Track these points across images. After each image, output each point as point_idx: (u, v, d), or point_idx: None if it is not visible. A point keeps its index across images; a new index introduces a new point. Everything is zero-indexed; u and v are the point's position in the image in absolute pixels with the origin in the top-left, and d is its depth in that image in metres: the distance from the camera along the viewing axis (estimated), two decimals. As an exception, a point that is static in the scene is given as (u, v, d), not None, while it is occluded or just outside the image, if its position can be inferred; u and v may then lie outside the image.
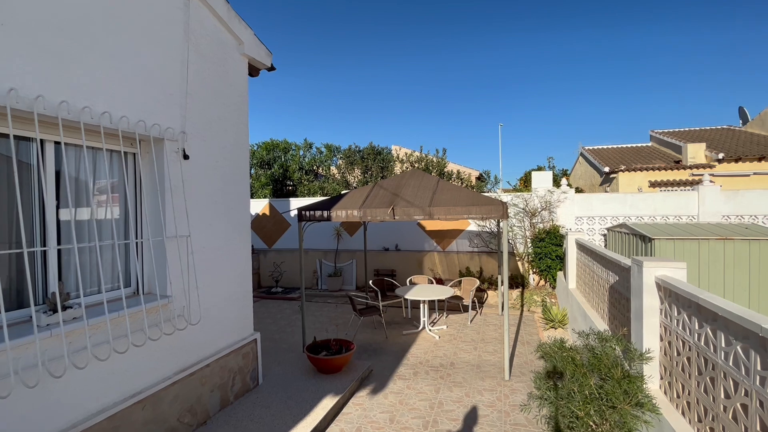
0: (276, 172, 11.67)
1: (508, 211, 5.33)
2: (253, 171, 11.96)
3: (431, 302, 8.12)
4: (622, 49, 53.39)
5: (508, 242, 9.53)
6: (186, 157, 3.78)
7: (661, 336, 3.02)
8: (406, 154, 11.96)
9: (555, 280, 8.59)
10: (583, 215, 9.64)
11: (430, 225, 10.34)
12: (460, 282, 8.61)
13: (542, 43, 53.62)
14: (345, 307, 8.89)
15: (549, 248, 8.47)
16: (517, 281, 9.18)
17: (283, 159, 11.85)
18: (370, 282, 8.09)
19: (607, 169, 16.26)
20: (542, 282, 9.20)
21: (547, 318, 7.18)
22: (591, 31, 51.61)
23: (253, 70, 5.08)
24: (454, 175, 12.05)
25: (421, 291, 7.23)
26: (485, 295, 9.04)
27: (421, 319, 7.11)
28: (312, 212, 5.87)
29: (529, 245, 9.20)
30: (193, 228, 3.84)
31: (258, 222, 11.59)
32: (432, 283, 8.41)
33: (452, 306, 8.31)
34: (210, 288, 4.08)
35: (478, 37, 52.63)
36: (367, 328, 7.36)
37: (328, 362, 5.04)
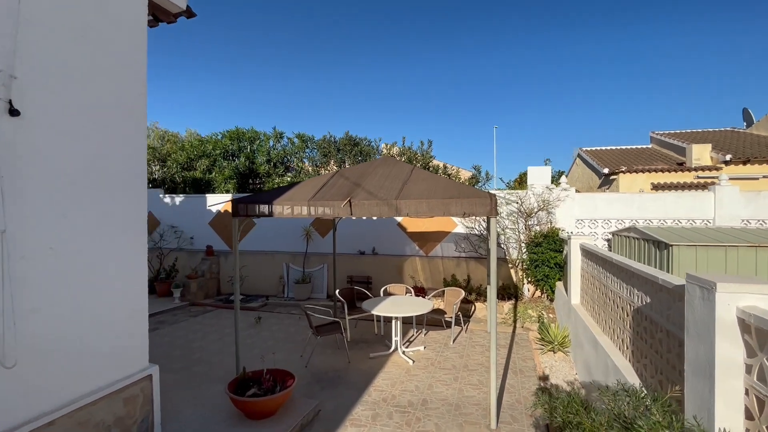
0: (241, 164, 10.40)
1: (501, 211, 4.15)
2: (216, 162, 10.69)
3: (407, 318, 6.88)
4: (618, 51, 52.82)
5: (500, 246, 8.32)
6: (14, 112, 2.51)
7: (750, 410, 1.80)
8: (386, 146, 10.74)
9: (553, 292, 7.40)
10: (585, 217, 8.48)
11: (412, 226, 9.11)
12: (443, 293, 7.38)
13: (537, 45, 52.88)
14: (324, 309, 7.60)
15: (547, 254, 7.28)
16: (510, 292, 7.97)
17: (249, 150, 10.59)
18: (337, 292, 6.83)
19: (606, 171, 15.21)
20: (538, 293, 8.00)
21: (544, 339, 5.97)
22: (585, 33, 50.96)
23: (163, 14, 3.82)
24: (440, 171, 10.85)
25: (395, 305, 5.98)
26: (472, 308, 7.82)
27: (393, 338, 5.86)
28: (249, 206, 4.60)
29: (524, 250, 8.01)
30: (26, 218, 2.56)
31: (219, 220, 10.28)
32: (410, 293, 7.17)
33: (433, 320, 7.07)
34: (63, 308, 2.79)
35: (471, 36, 51.71)
36: (328, 348, 6.10)
37: (256, 405, 3.77)
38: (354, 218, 9.33)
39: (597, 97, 59.17)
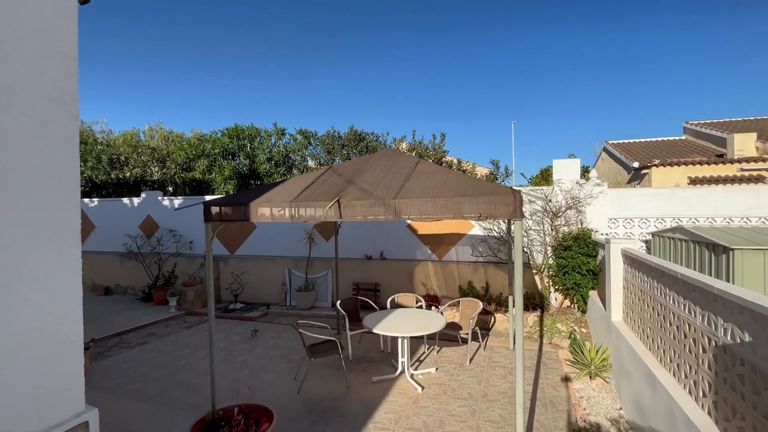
0: (241, 163, 9.81)
1: (523, 207, 3.30)
2: (215, 162, 10.12)
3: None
4: (634, 43, 50.20)
5: (523, 250, 7.41)
6: None
7: None
8: (395, 140, 9.92)
9: (585, 303, 6.44)
10: (618, 216, 7.47)
11: (423, 227, 8.28)
12: (458, 303, 6.54)
13: (556, 36, 50.87)
14: (316, 330, 6.87)
15: (578, 259, 6.34)
16: (534, 302, 7.05)
17: (249, 148, 9.98)
18: (338, 303, 6.08)
19: (636, 165, 14.02)
20: (567, 303, 7.06)
21: (578, 360, 5.06)
22: (602, 24, 48.63)
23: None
24: (455, 167, 9.97)
25: (403, 320, 5.18)
26: (491, 320, 6.94)
27: (400, 359, 5.07)
28: (223, 209, 3.89)
29: (550, 255, 7.07)
30: None
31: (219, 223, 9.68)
32: (421, 303, 6.36)
33: (447, 335, 6.23)
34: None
35: (490, 30, 50.17)
36: (327, 368, 5.36)
37: (221, 457, 3.04)
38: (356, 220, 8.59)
39: (618, 90, 56.68)
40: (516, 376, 3.21)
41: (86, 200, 10.77)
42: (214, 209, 3.92)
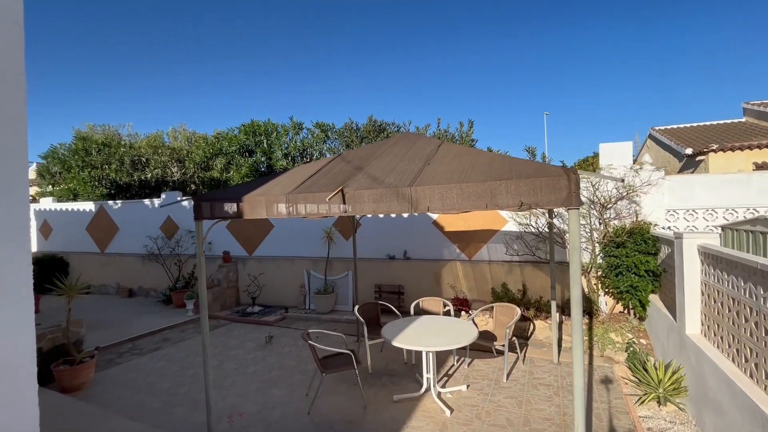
0: (258, 160, 9.45)
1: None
2: (233, 160, 9.82)
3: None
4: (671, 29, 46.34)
5: (562, 246, 6.52)
6: None
7: None
8: (417, 129, 9.20)
9: (645, 309, 5.50)
10: (678, 207, 6.43)
11: (450, 224, 7.54)
12: (491, 308, 5.78)
13: (585, 25, 47.94)
14: (332, 338, 6.33)
15: (634, 257, 5.41)
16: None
17: (265, 144, 9.60)
18: (356, 309, 5.48)
19: (689, 151, 12.55)
20: (619, 307, 6.12)
21: (641, 380, 4.19)
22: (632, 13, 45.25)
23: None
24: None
25: (427, 330, 4.51)
26: (530, 327, 6.12)
27: (425, 375, 4.40)
28: (215, 204, 3.37)
29: (598, 252, 6.16)
30: None
31: (237, 223, 9.37)
32: (449, 308, 5.65)
33: (480, 346, 5.48)
34: None
35: (521, 18, 48.04)
36: (343, 383, 4.77)
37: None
38: (371, 216, 7.95)
39: (655, 77, 52.82)
40: (576, 412, 2.47)
41: (110, 202, 10.79)
42: (205, 205, 3.41)
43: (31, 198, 15.19)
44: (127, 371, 5.50)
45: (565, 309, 6.42)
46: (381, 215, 8.02)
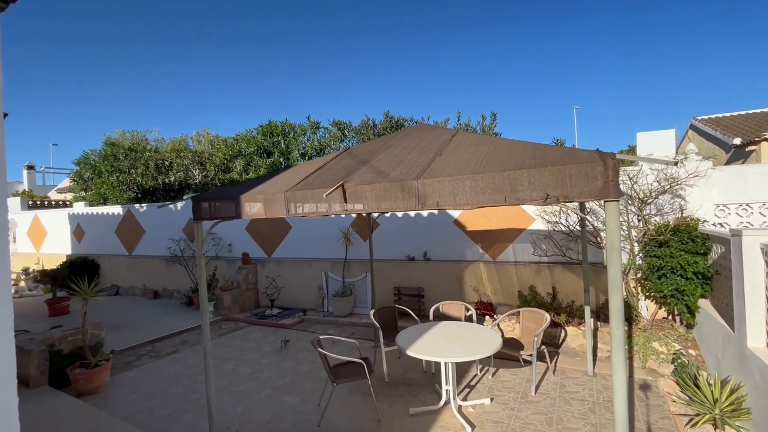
0: (276, 161, 9.38)
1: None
2: (251, 162, 9.79)
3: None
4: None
5: (595, 245, 5.98)
6: None
7: None
8: (436, 123, 8.84)
9: (693, 316, 4.91)
10: (729, 202, 5.75)
11: (472, 222, 7.13)
12: (518, 313, 5.36)
13: (614, 12, 45.54)
14: (348, 343, 6.08)
15: (680, 258, 4.84)
16: (618, 312, 5.61)
17: (282, 144, 9.51)
18: (371, 313, 5.20)
19: (738, 141, 11.51)
20: (662, 312, 5.54)
21: (693, 397, 3.67)
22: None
23: None
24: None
25: (446, 338, 4.17)
26: (561, 334, 5.64)
27: (444, 387, 4.05)
28: (214, 204, 3.18)
29: (638, 252, 5.59)
30: None
31: (254, 224, 9.32)
32: (470, 313, 5.27)
33: (505, 354, 5.07)
34: None
35: (546, 8, 46.33)
36: (356, 393, 4.50)
37: None
38: (389, 215, 7.64)
39: (689, 67, 49.51)
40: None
41: (136, 206, 11.04)
42: (204, 206, 3.22)
43: (66, 203, 15.90)
44: (143, 375, 5.47)
45: (600, 314, 5.88)
46: (399, 214, 7.71)
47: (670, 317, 5.51)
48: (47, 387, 4.88)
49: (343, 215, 8.10)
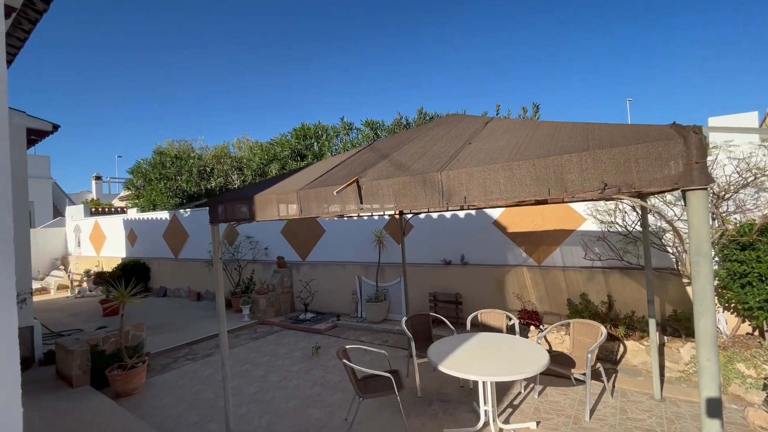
0: (310, 163, 9.35)
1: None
2: (286, 165, 9.84)
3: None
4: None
5: (658, 247, 5.23)
6: None
7: None
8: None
9: (789, 333, 4.09)
10: (831, 195, 4.78)
11: (514, 224, 6.58)
12: (568, 324, 4.79)
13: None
14: (378, 353, 5.79)
15: (769, 264, 4.05)
16: (687, 326, 4.86)
17: (315, 146, 9.45)
18: (403, 321, 4.86)
19: (834, 125, 9.85)
20: (745, 327, 4.70)
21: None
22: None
23: None
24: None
25: (484, 352, 3.74)
26: (619, 349, 4.97)
27: (482, 407, 3.62)
28: (229, 206, 3.02)
29: (714, 256, 4.79)
30: None
31: (289, 228, 9.32)
32: (512, 323, 4.77)
33: (553, 371, 4.51)
34: None
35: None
36: (386, 408, 4.18)
37: None
38: (423, 216, 7.24)
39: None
40: None
41: (181, 210, 11.51)
42: (220, 208, 3.07)
43: (123, 209, 17.06)
44: (178, 377, 5.50)
45: (666, 327, 5.13)
46: (435, 215, 7.31)
47: (756, 333, 4.67)
48: (88, 387, 5.02)
49: (355, 216, 7.84)
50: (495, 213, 6.73)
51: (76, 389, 4.95)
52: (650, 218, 5.21)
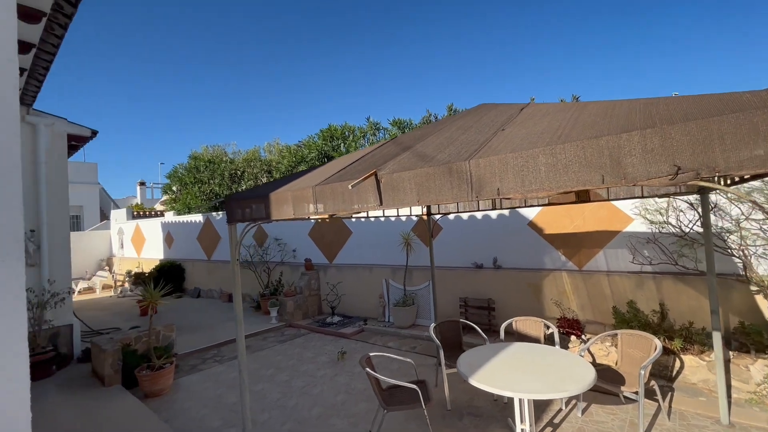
0: (336, 165, 9.31)
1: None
2: (313, 167, 9.86)
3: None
4: None
5: (732, 255, 4.64)
6: None
7: None
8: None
9: None
10: None
11: (552, 225, 6.13)
12: (615, 335, 4.33)
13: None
14: (405, 361, 5.52)
15: None
16: (759, 340, 4.26)
17: (342, 147, 9.37)
18: (431, 328, 4.58)
19: None
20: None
21: None
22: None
23: None
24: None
25: (520, 365, 3.41)
26: (674, 363, 4.44)
27: (518, 425, 3.28)
28: (245, 203, 2.89)
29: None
30: None
31: (317, 229, 9.26)
32: (551, 331, 4.37)
33: (599, 387, 4.07)
34: None
35: None
36: (413, 421, 3.92)
37: None
38: (453, 216, 6.91)
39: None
40: None
41: (213, 213, 11.79)
42: (236, 207, 2.95)
43: (160, 213, 17.82)
44: (204, 379, 5.49)
45: (731, 342, 4.54)
46: (465, 216, 6.97)
47: None
48: (119, 386, 5.10)
49: (382, 217, 7.59)
50: (530, 213, 6.31)
51: (108, 388, 5.03)
52: (712, 216, 4.64)
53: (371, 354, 3.81)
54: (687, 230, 4.78)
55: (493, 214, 6.65)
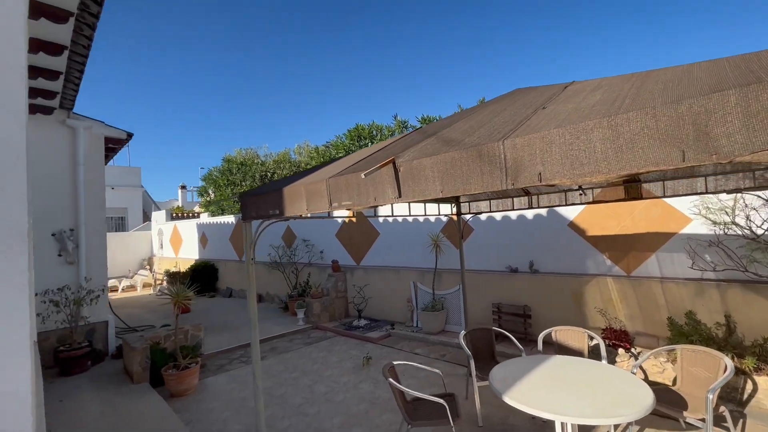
0: (364, 165, 9.15)
1: None
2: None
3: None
4: None
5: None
6: None
7: None
8: (543, 106, 7.44)
9: None
10: None
11: (595, 226, 5.60)
12: (672, 350, 3.83)
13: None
14: (433, 371, 5.20)
15: None
16: None
17: (370, 146, 9.20)
18: (461, 335, 4.25)
19: None
20: None
21: None
22: None
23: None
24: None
25: (560, 382, 3.03)
26: (746, 386, 3.85)
27: (559, 451, 2.89)
28: (257, 200, 2.73)
29: None
30: None
31: (344, 230, 9.11)
32: (595, 342, 3.92)
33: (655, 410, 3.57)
34: None
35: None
36: (442, 436, 3.60)
37: None
38: (485, 216, 6.50)
39: None
40: None
41: (245, 215, 11.97)
42: (250, 203, 2.79)
43: (195, 214, 18.45)
44: (230, 381, 5.44)
45: (818, 361, 3.88)
46: (498, 216, 6.56)
47: None
48: (146, 384, 5.13)
49: (410, 218, 7.28)
50: (571, 213, 5.81)
51: (136, 385, 5.08)
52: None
53: (395, 362, 3.54)
54: (762, 232, 4.16)
55: (529, 213, 6.21)
